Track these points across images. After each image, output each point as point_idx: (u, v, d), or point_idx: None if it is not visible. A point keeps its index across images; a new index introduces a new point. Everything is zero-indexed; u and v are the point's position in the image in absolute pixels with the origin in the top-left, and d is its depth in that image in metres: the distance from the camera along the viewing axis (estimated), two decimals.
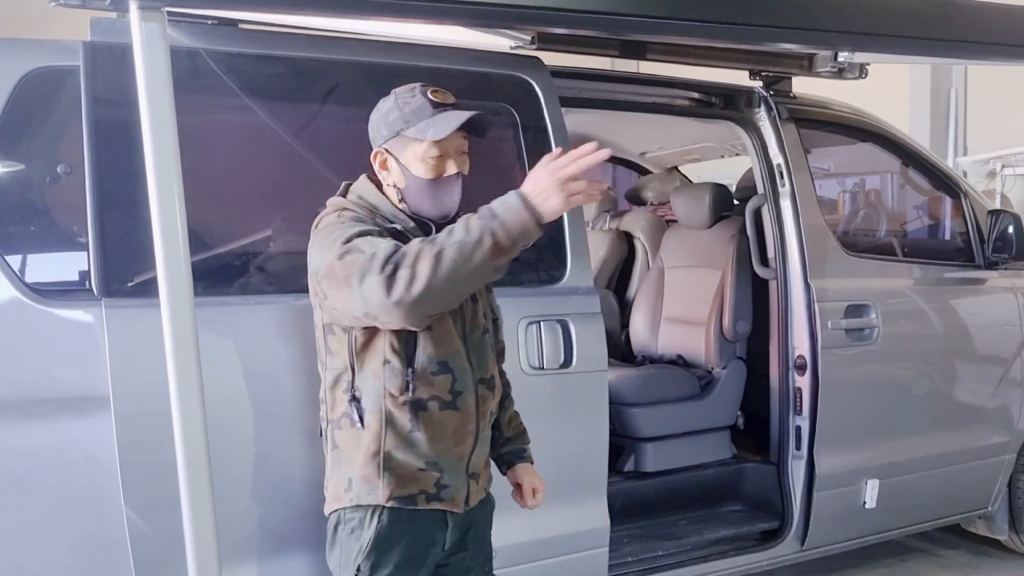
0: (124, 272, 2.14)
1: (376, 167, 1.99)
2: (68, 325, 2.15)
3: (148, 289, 2.13)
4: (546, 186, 1.65)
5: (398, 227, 1.92)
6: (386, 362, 1.89)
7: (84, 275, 2.16)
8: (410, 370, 1.89)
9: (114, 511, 2.12)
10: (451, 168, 1.94)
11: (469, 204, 2.69)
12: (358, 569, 1.92)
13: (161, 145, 1.57)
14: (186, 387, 1.71)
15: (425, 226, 1.95)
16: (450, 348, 1.93)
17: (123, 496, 2.11)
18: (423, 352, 1.90)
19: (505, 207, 1.67)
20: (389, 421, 1.90)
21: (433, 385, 1.91)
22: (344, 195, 2.01)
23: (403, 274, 1.66)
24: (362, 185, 2.01)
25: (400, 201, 1.97)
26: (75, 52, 2.20)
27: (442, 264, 1.65)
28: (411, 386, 1.89)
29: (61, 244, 2.31)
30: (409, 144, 1.92)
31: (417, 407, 1.90)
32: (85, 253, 2.15)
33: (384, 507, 1.91)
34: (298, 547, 2.30)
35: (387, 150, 1.95)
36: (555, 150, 1.73)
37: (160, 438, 2.10)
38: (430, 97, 1.92)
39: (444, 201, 1.95)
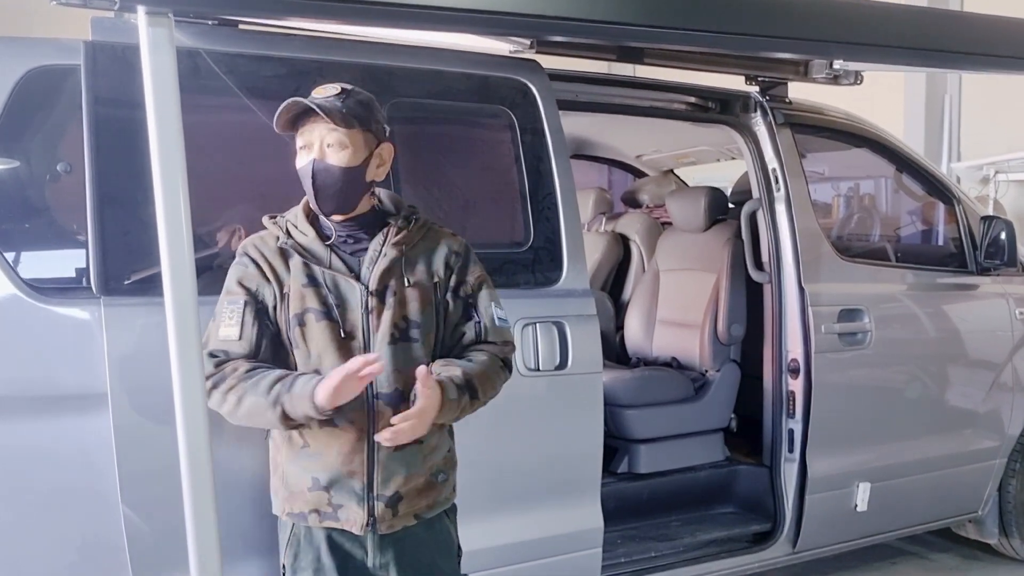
0: (123, 270, 2.15)
1: None
2: (67, 322, 2.15)
3: (147, 287, 2.15)
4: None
5: (300, 241, 1.95)
6: None
7: (83, 273, 2.17)
8: None
9: (111, 509, 2.12)
10: (304, 157, 1.90)
11: (468, 204, 2.74)
12: (283, 566, 2.01)
13: (167, 149, 1.58)
14: (189, 384, 1.72)
15: (325, 236, 1.96)
16: (326, 362, 1.90)
17: (120, 494, 2.12)
18: (302, 367, 1.92)
19: (298, 391, 1.82)
20: (288, 437, 1.95)
21: None
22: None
23: (215, 397, 1.88)
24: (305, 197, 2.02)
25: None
26: (76, 51, 2.20)
27: (239, 409, 1.87)
28: None
29: (60, 242, 2.32)
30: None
31: (302, 424, 1.90)
32: (84, 251, 2.16)
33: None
34: None
35: None
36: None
37: (158, 436, 2.11)
38: (311, 92, 1.91)
39: (308, 193, 1.92)
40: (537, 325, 2.62)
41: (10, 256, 2.15)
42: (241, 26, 2.45)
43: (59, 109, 2.26)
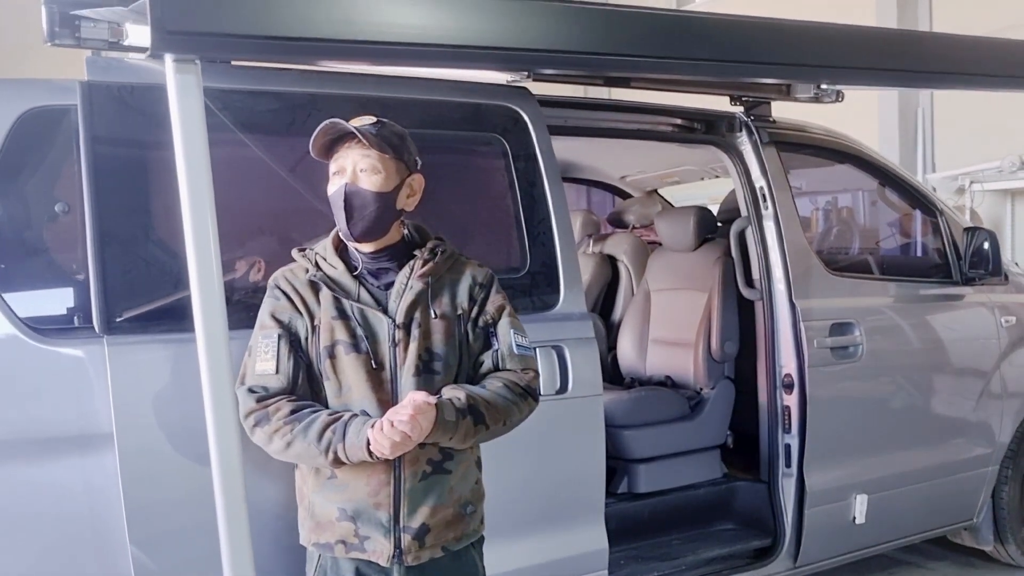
0: (125, 309, 2.14)
1: None
2: (68, 362, 2.14)
3: (149, 325, 2.15)
4: (386, 444, 1.80)
5: (329, 274, 1.98)
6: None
7: (83, 312, 2.16)
8: None
9: (119, 548, 2.10)
10: (337, 182, 1.95)
11: (464, 231, 2.76)
12: None
13: (196, 189, 1.61)
14: (221, 415, 1.73)
15: (353, 268, 2.00)
16: (356, 394, 1.92)
17: (128, 533, 2.10)
18: (332, 399, 1.94)
19: (352, 440, 1.83)
20: (315, 468, 1.95)
21: None
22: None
23: (258, 435, 1.90)
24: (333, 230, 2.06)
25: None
26: (72, 91, 2.20)
27: (289, 452, 1.89)
28: None
29: (59, 282, 2.31)
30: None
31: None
32: (85, 290, 2.15)
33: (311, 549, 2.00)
34: None
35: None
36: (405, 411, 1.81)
37: (165, 473, 2.12)
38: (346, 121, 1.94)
39: (339, 216, 1.95)
40: (536, 350, 2.62)
41: (9, 296, 2.13)
42: (234, 62, 2.46)
43: (56, 149, 2.25)
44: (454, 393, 1.93)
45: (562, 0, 2.42)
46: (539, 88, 2.89)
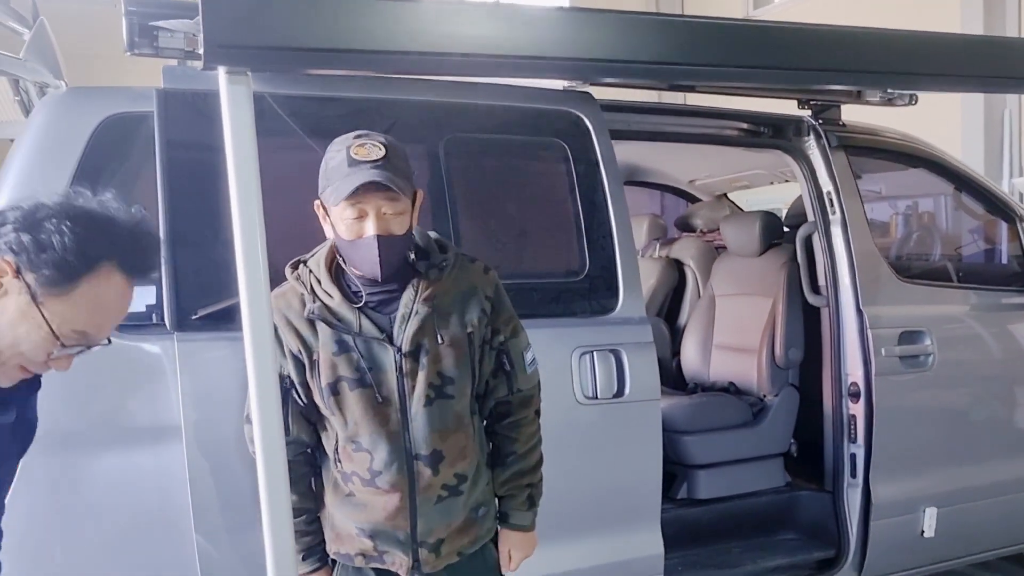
0: (195, 307, 2.24)
1: (320, 218, 1.90)
2: (141, 357, 2.24)
3: (217, 323, 2.24)
4: None
5: (327, 304, 1.87)
6: (324, 430, 1.96)
7: (156, 309, 2.26)
8: (336, 443, 1.93)
9: (185, 537, 2.20)
10: (368, 230, 1.79)
11: (524, 234, 2.78)
12: None
13: (246, 196, 1.68)
14: (267, 411, 1.78)
15: (355, 295, 1.89)
16: (364, 429, 1.87)
17: (194, 523, 2.19)
18: (340, 431, 1.91)
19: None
20: (333, 483, 1.96)
21: (353, 461, 1.90)
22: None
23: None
24: (326, 245, 1.94)
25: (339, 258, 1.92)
26: (149, 99, 2.31)
27: None
28: (339, 458, 1.93)
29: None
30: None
31: (346, 478, 1.92)
32: (158, 289, 2.25)
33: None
34: None
35: (323, 203, 1.86)
36: None
37: (229, 467, 2.20)
38: (351, 154, 1.78)
39: (366, 263, 1.82)
40: (594, 353, 2.64)
41: None
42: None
43: (134, 154, 2.36)
44: (515, 503, 2.07)
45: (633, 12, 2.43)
46: (603, 92, 2.90)
